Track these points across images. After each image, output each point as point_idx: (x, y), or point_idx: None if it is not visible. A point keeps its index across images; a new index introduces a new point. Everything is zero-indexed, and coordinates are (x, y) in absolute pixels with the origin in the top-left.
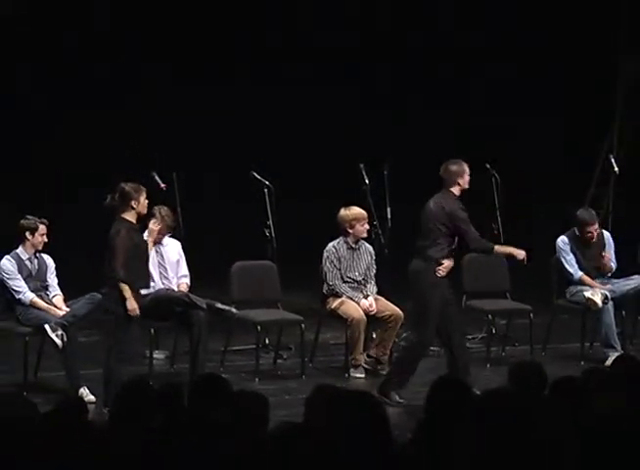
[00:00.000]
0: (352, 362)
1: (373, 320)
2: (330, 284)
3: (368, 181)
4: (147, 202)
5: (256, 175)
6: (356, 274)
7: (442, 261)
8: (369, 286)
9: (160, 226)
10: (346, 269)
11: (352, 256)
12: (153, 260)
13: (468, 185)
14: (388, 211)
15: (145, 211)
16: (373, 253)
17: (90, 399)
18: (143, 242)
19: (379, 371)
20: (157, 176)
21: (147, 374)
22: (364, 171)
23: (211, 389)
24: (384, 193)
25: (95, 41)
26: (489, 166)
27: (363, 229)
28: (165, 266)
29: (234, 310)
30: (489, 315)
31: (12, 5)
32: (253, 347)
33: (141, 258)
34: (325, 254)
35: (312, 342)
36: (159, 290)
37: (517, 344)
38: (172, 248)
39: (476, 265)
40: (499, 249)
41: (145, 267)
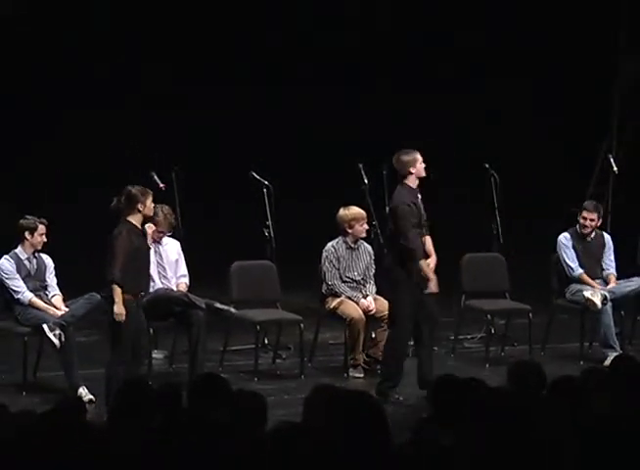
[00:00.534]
0: (351, 362)
1: (372, 320)
2: (329, 284)
3: (367, 181)
4: (153, 205)
5: (256, 175)
6: (355, 274)
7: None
8: (368, 286)
9: (163, 225)
10: (345, 269)
11: (351, 255)
12: (152, 260)
13: (424, 173)
14: (387, 210)
15: (151, 214)
16: (372, 252)
17: (89, 398)
18: (144, 245)
19: (378, 371)
20: (156, 176)
21: (146, 374)
22: (363, 171)
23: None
24: (383, 193)
25: (95, 41)
26: (489, 166)
27: (362, 229)
28: (164, 266)
29: (233, 310)
30: (488, 315)
31: (12, 5)
32: (252, 346)
33: (141, 261)
34: (324, 253)
35: (311, 342)
36: (157, 289)
37: (516, 344)
38: (171, 247)
39: (475, 265)
40: (423, 267)
41: (145, 272)
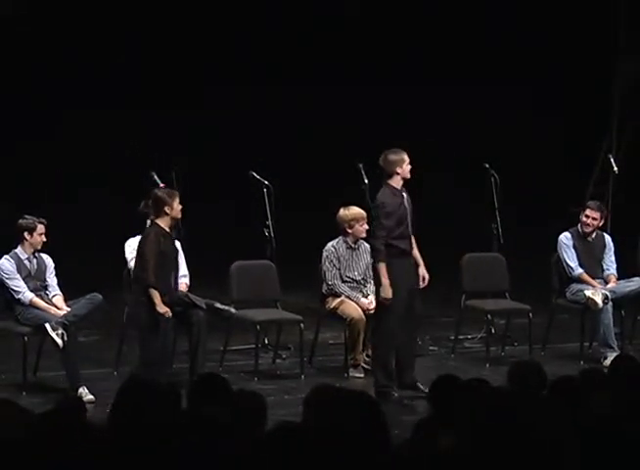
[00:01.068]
0: (351, 362)
1: (372, 320)
2: (329, 284)
3: (367, 181)
4: (180, 207)
5: (256, 175)
6: (355, 274)
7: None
8: (368, 285)
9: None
10: (346, 269)
11: (352, 255)
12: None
13: (409, 175)
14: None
15: (179, 216)
16: None
17: (89, 398)
18: (171, 248)
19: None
20: (156, 176)
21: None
22: (363, 171)
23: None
24: None
25: (95, 41)
26: (489, 166)
27: (362, 229)
28: None
29: (233, 310)
30: (488, 315)
31: (12, 5)
32: (253, 346)
33: (166, 265)
34: (324, 253)
35: (311, 341)
36: None
37: (516, 343)
38: None
39: (475, 265)
40: (382, 270)
41: (169, 276)
